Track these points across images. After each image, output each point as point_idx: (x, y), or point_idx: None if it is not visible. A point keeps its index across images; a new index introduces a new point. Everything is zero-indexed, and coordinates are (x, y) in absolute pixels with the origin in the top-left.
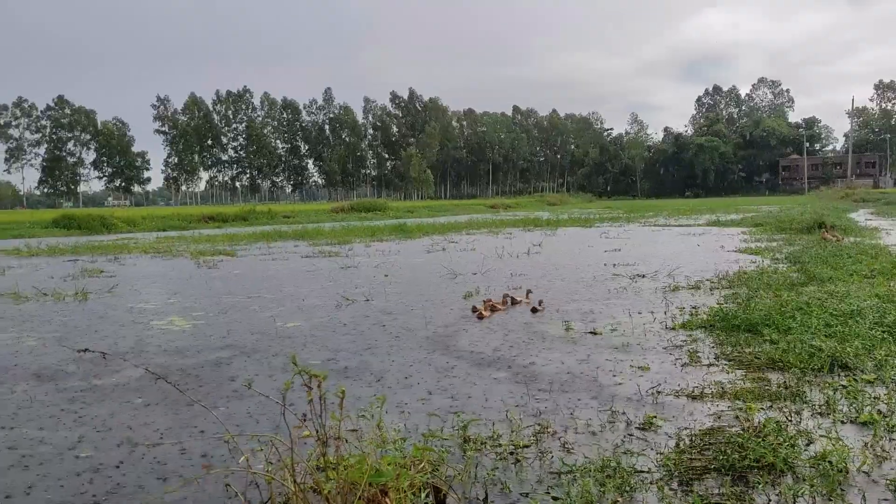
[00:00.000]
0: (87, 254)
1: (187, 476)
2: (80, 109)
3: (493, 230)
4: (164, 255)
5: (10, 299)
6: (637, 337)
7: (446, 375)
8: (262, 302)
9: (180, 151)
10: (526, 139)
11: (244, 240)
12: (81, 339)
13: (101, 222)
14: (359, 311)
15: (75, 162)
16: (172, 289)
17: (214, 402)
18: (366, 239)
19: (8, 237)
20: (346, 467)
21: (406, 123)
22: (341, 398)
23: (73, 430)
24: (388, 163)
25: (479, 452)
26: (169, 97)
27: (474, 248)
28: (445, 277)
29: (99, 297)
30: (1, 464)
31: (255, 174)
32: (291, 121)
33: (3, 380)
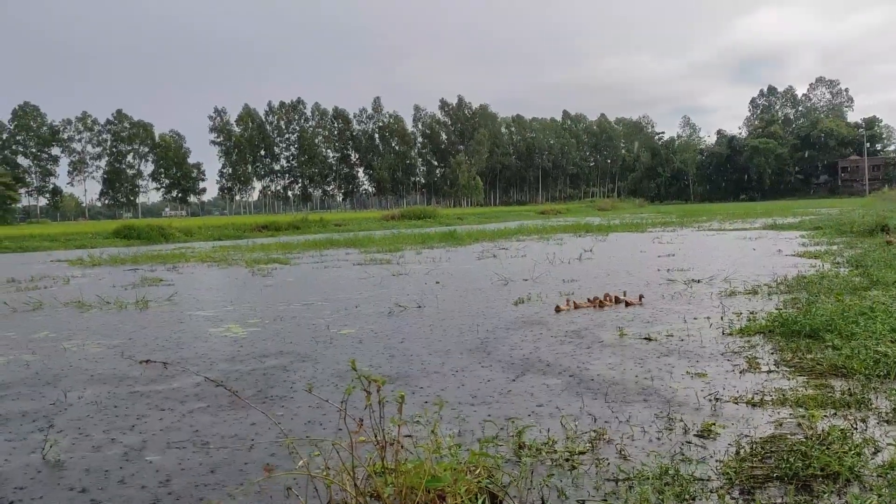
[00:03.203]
0: (147, 263)
1: (248, 480)
2: (139, 123)
3: (544, 236)
4: (219, 264)
5: (74, 308)
6: (693, 343)
7: (499, 381)
8: (315, 309)
9: (234, 162)
10: (575, 144)
11: (297, 248)
12: (142, 346)
13: (160, 232)
14: (411, 317)
15: (134, 174)
16: (228, 297)
17: (272, 408)
18: (416, 246)
19: (72, 247)
20: (403, 472)
21: (455, 131)
22: (401, 403)
23: (137, 435)
24: (437, 170)
25: (535, 458)
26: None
27: (525, 254)
28: (497, 284)
29: (158, 305)
30: (73, 465)
31: (306, 183)
32: (342, 130)
33: (69, 385)
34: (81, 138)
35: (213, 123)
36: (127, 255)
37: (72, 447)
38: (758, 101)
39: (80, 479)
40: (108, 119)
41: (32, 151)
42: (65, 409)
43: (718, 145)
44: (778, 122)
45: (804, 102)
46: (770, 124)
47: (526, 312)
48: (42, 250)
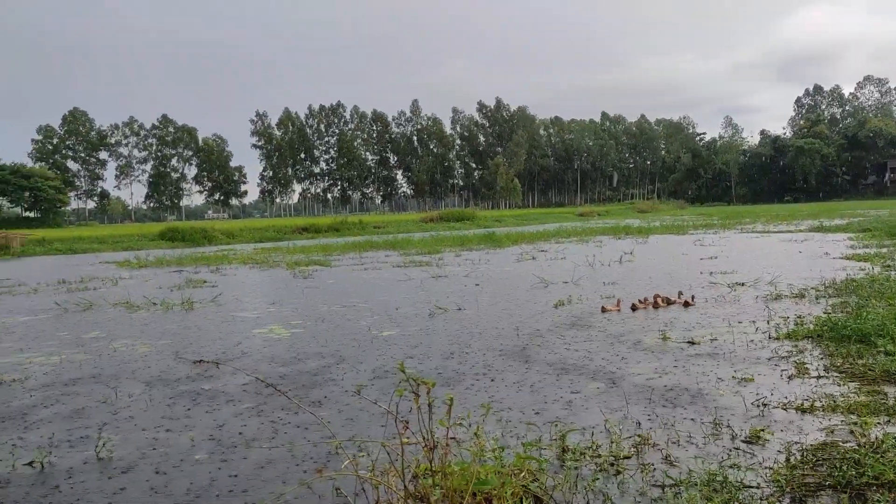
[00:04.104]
0: (191, 265)
1: (295, 478)
2: (183, 127)
3: (583, 238)
4: (261, 266)
5: (123, 308)
6: (739, 347)
7: (541, 384)
8: (356, 311)
9: (275, 165)
10: (614, 146)
11: (337, 250)
12: (189, 346)
13: (203, 234)
14: (451, 320)
15: (178, 177)
16: (271, 298)
17: (316, 409)
18: (455, 248)
19: (119, 249)
20: (448, 474)
21: (493, 133)
22: (449, 406)
23: (185, 434)
24: (475, 172)
25: (578, 462)
26: (266, 113)
27: (564, 256)
28: (536, 286)
29: (203, 306)
30: (124, 462)
31: (345, 186)
32: (381, 133)
33: (120, 384)
34: (128, 143)
35: (254, 127)
36: (172, 256)
37: (123, 445)
38: (803, 101)
39: (131, 477)
40: (154, 124)
41: (81, 156)
42: (116, 408)
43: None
44: (824, 122)
45: (851, 101)
46: (816, 124)
47: (567, 315)
48: (91, 252)
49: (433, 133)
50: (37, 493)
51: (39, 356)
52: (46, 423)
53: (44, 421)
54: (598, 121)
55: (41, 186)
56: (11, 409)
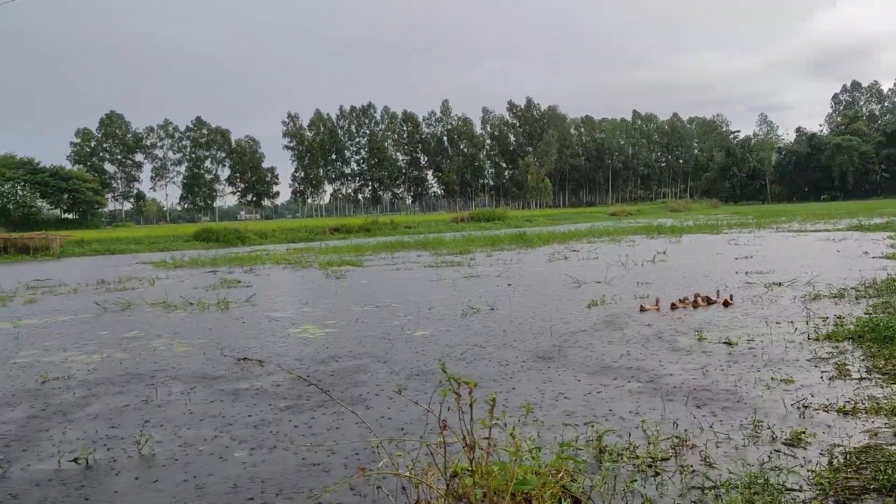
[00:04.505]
0: (225, 265)
1: (335, 477)
2: (217, 129)
3: (615, 238)
4: (294, 266)
5: (160, 308)
6: (777, 348)
7: (576, 385)
8: (389, 311)
9: (306, 166)
10: (646, 144)
11: (369, 250)
12: (225, 346)
13: (236, 235)
14: (484, 320)
15: (212, 178)
16: (304, 298)
17: (353, 407)
18: (486, 248)
19: (155, 250)
20: (486, 474)
21: (524, 132)
22: (492, 406)
23: (225, 432)
24: (505, 172)
25: (616, 463)
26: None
27: (596, 256)
28: (569, 286)
29: (238, 306)
30: (166, 459)
31: (376, 186)
32: (411, 133)
33: (159, 383)
34: (163, 145)
35: (286, 128)
36: (206, 257)
37: (164, 443)
38: (840, 97)
39: (173, 474)
40: (188, 126)
41: (118, 158)
42: (156, 406)
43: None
44: (862, 119)
45: (891, 97)
46: (854, 121)
47: (601, 315)
48: (127, 253)
49: (463, 133)
50: (82, 490)
51: (81, 355)
52: (90, 420)
53: (87, 418)
54: (630, 119)
55: (80, 188)
56: (56, 407)
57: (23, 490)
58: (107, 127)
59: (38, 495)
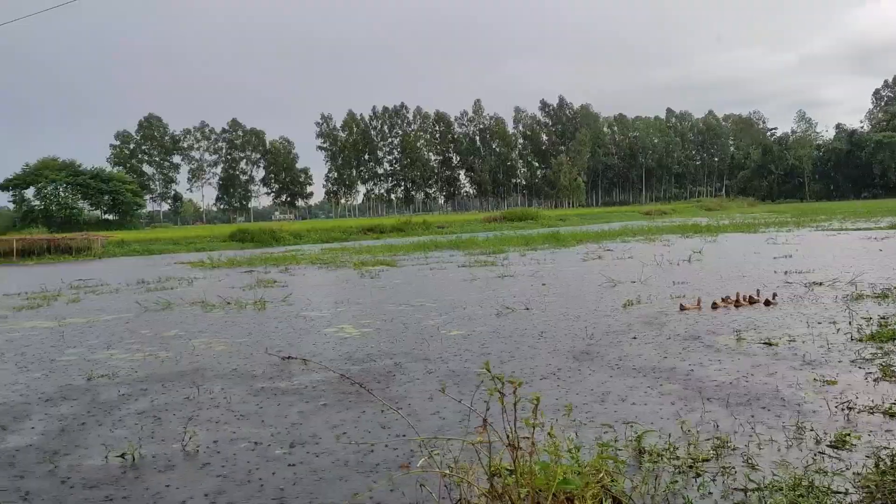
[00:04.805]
0: (261, 265)
1: (376, 474)
2: (252, 130)
3: (650, 237)
4: (329, 266)
5: (199, 308)
6: (819, 349)
7: (613, 385)
8: (424, 310)
9: (340, 166)
10: (680, 143)
11: (402, 250)
12: (264, 345)
13: (271, 235)
14: (519, 319)
15: (247, 179)
16: (339, 298)
17: (393, 406)
18: (520, 248)
19: (192, 250)
20: (526, 473)
21: (556, 131)
22: (535, 405)
23: (266, 429)
24: (538, 171)
25: (656, 464)
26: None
27: (631, 255)
28: (604, 286)
29: (275, 306)
30: (209, 456)
31: (409, 186)
32: (444, 133)
33: (201, 381)
34: (200, 146)
35: (319, 129)
36: (243, 257)
37: (207, 440)
38: (882, 93)
39: (216, 471)
40: (224, 127)
41: (156, 160)
42: (198, 404)
43: (837, 140)
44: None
45: None
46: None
47: (637, 315)
48: (166, 253)
49: (495, 132)
50: (129, 485)
51: (124, 353)
52: (134, 417)
53: (132, 415)
54: (664, 118)
55: (119, 190)
56: (102, 404)
57: (72, 483)
58: (145, 129)
59: (87, 489)
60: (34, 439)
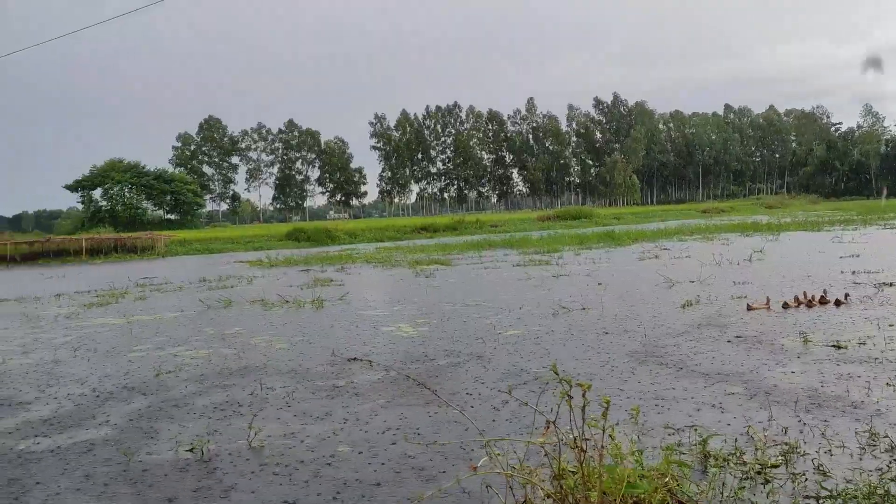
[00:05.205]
0: (317, 264)
1: (438, 473)
2: (307, 131)
3: (708, 236)
4: (384, 265)
5: (259, 306)
6: (891, 352)
7: (674, 387)
8: (480, 310)
9: (393, 166)
10: (739, 139)
11: (456, 249)
12: (322, 343)
13: (326, 235)
14: (575, 319)
15: (302, 179)
16: (395, 297)
17: (455, 406)
18: (574, 247)
19: (250, 249)
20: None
21: (610, 129)
22: (605, 408)
23: (328, 426)
24: (592, 169)
25: (722, 469)
26: (385, 115)
27: (689, 254)
28: (661, 286)
29: (332, 304)
30: (273, 451)
31: (462, 185)
32: (496, 132)
33: (263, 378)
34: (257, 147)
35: (373, 129)
36: (299, 256)
37: (271, 436)
38: None
39: (281, 467)
40: (280, 128)
41: (215, 161)
42: (262, 401)
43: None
44: None
45: None
46: None
47: (696, 315)
48: (225, 252)
49: (549, 130)
50: (199, 479)
51: (189, 350)
52: (202, 412)
53: (199, 410)
54: (722, 114)
55: (181, 190)
56: (170, 399)
57: (146, 476)
58: (205, 131)
59: (160, 482)
60: (109, 432)
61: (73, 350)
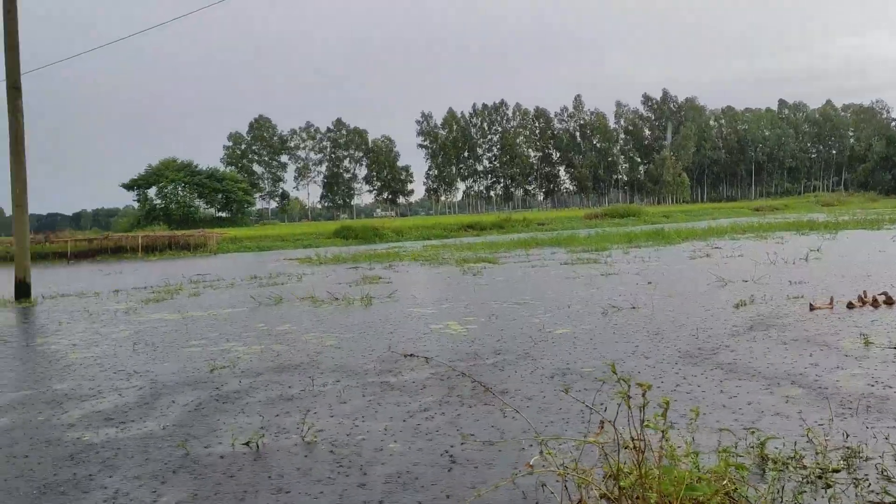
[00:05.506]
0: (365, 262)
1: (489, 471)
2: (355, 130)
3: (761, 234)
4: (431, 263)
5: (309, 303)
6: None
7: (729, 388)
8: (528, 308)
9: (440, 164)
10: (794, 135)
11: (503, 247)
12: (372, 340)
13: (374, 232)
14: (625, 319)
15: (350, 177)
16: (443, 295)
17: (511, 405)
18: (623, 245)
19: (299, 247)
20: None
21: (659, 125)
22: (665, 409)
23: (380, 422)
24: (640, 167)
25: (780, 473)
26: (431, 113)
27: (741, 253)
28: (713, 285)
29: (381, 302)
30: (326, 446)
31: (508, 183)
32: (543, 129)
33: (315, 374)
34: (305, 146)
35: (419, 127)
36: (347, 254)
37: (325, 431)
38: None
39: (335, 462)
40: (329, 127)
41: (265, 160)
42: (313, 396)
43: None
44: None
45: None
46: None
47: (750, 315)
48: (275, 249)
49: (596, 128)
50: (255, 472)
51: (242, 346)
52: (256, 406)
53: (253, 405)
54: (776, 109)
55: (232, 189)
56: (226, 394)
57: (204, 469)
58: (255, 130)
59: (217, 474)
60: (166, 424)
61: (132, 344)
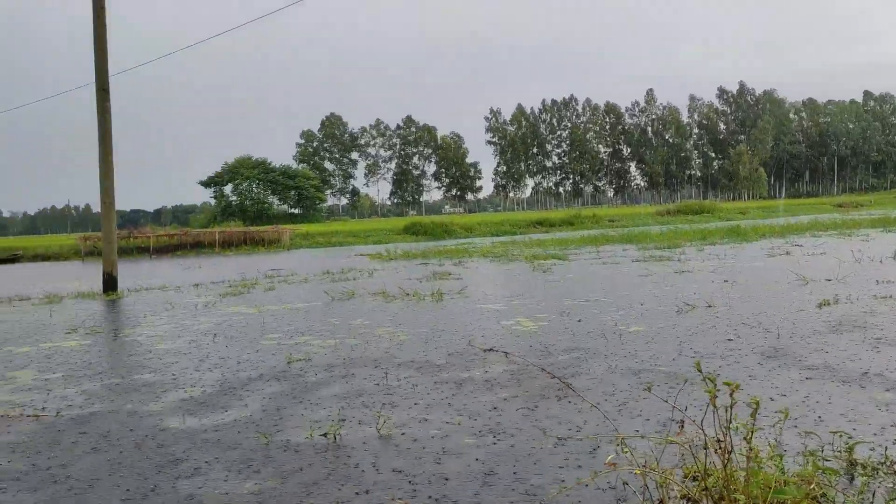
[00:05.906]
0: (435, 258)
1: (563, 468)
2: (424, 127)
3: (844, 232)
4: (500, 259)
5: (381, 299)
6: None
7: (812, 390)
8: (599, 306)
9: (508, 160)
10: (880, 128)
11: (573, 244)
12: (444, 335)
13: (443, 229)
14: (701, 317)
15: (419, 174)
16: (513, 291)
17: (574, 402)
18: (696, 242)
19: (369, 243)
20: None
21: (735, 119)
22: (755, 409)
23: (456, 417)
24: (714, 162)
25: (871, 479)
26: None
27: (824, 251)
28: (794, 284)
29: (451, 298)
30: (401, 441)
31: (577, 179)
32: (613, 124)
33: (389, 368)
34: (375, 143)
35: (488, 124)
36: (417, 250)
37: (399, 424)
38: None
39: (413, 456)
40: (398, 125)
41: (336, 157)
42: (388, 390)
43: None
44: None
45: None
46: None
47: (835, 316)
48: (346, 245)
49: (669, 122)
50: (333, 463)
51: (317, 339)
52: (332, 399)
53: (329, 397)
54: (861, 101)
55: (304, 185)
56: (303, 386)
57: (285, 459)
58: (327, 128)
59: (298, 463)
60: (247, 414)
61: (211, 337)
